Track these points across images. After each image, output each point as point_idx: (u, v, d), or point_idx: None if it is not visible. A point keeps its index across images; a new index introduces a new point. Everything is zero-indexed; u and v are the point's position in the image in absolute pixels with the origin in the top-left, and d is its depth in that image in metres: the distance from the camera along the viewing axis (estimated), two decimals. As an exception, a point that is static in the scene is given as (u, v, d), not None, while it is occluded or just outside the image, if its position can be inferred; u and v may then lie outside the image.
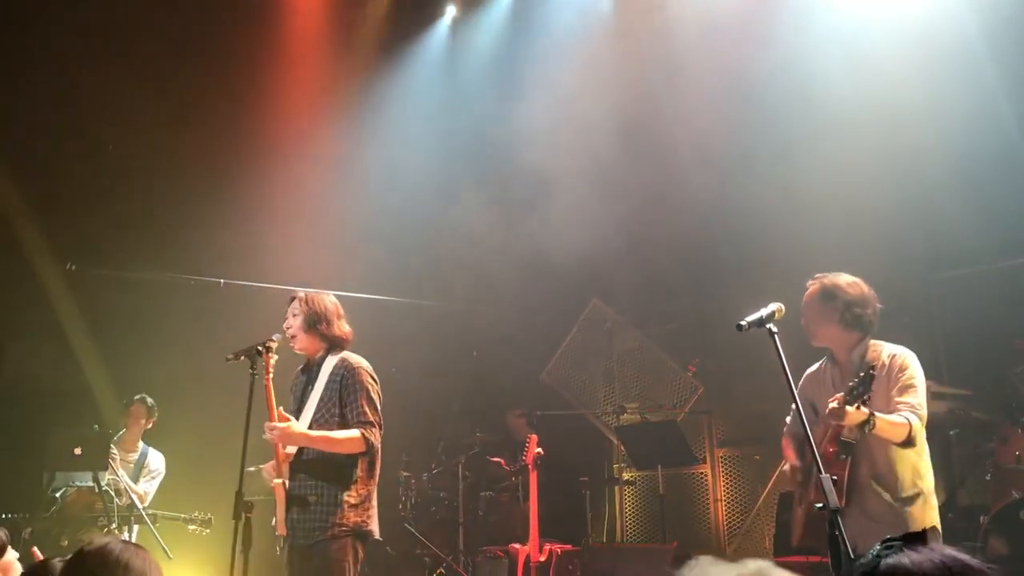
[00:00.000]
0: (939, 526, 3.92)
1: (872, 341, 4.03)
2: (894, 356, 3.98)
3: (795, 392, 3.36)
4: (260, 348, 4.26)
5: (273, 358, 4.30)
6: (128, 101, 7.37)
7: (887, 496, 3.78)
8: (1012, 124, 6.26)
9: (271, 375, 4.28)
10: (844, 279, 4.07)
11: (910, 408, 3.80)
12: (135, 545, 2.47)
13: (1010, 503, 5.74)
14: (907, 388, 3.87)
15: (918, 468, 3.86)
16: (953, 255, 6.95)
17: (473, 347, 8.81)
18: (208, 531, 6.51)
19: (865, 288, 4.06)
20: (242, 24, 7.76)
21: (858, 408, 3.54)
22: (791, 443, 4.32)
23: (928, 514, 3.84)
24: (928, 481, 3.89)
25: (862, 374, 3.56)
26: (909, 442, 3.75)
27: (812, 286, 4.09)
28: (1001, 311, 6.64)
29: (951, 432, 6.60)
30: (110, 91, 7.24)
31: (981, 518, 5.97)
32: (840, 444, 3.75)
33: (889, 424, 3.69)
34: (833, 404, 3.56)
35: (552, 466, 7.04)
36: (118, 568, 2.33)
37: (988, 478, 6.27)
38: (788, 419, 4.43)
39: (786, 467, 4.24)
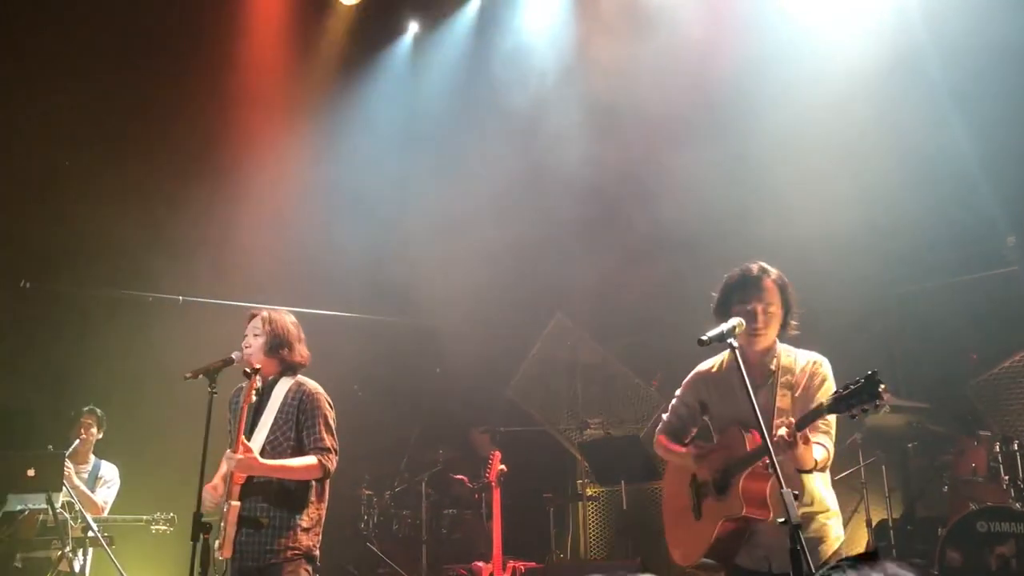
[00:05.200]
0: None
1: (780, 344, 3.76)
2: (814, 364, 3.70)
3: (682, 391, 3.17)
4: (247, 370, 4.18)
5: (258, 382, 4.21)
6: (84, 119, 7.27)
7: (805, 510, 3.55)
8: (967, 147, 6.40)
9: (252, 399, 4.20)
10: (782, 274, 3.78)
11: (827, 431, 3.57)
12: None
13: (967, 515, 5.82)
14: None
15: (826, 483, 3.70)
16: (911, 272, 7.06)
17: (436, 364, 8.77)
18: (172, 529, 6.40)
19: None
20: (200, 41, 7.70)
21: (807, 444, 3.32)
22: (671, 441, 3.96)
23: (839, 529, 3.67)
24: (834, 496, 3.71)
25: (863, 382, 3.20)
26: (822, 468, 3.56)
27: (767, 279, 3.72)
28: (957, 325, 6.76)
29: (909, 445, 6.69)
30: (66, 109, 7.14)
31: (939, 530, 6.05)
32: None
33: (822, 461, 3.48)
34: (782, 432, 3.28)
35: (515, 483, 7.01)
36: None
37: (945, 490, 6.35)
38: (665, 415, 4.07)
39: (695, 454, 3.79)
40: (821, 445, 3.53)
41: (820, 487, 3.66)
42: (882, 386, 3.16)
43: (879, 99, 6.53)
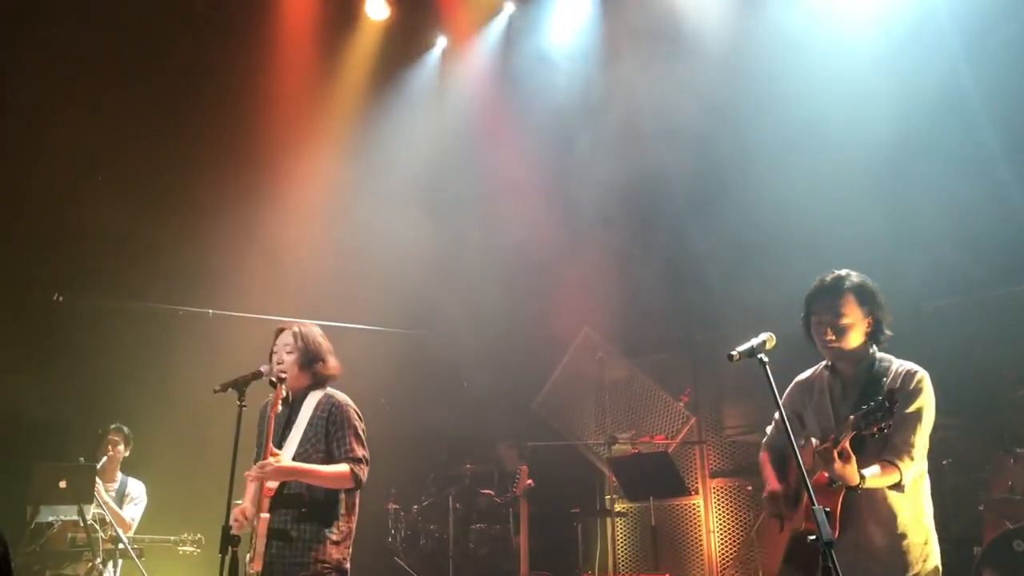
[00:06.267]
0: (940, 567, 3.58)
1: (879, 353, 3.68)
2: (908, 375, 3.59)
3: (780, 405, 3.14)
4: (273, 380, 4.17)
5: (284, 391, 4.22)
6: (117, 131, 7.37)
7: (887, 531, 3.49)
8: (999, 156, 6.31)
9: (279, 408, 4.20)
10: (871, 280, 3.72)
11: (906, 448, 3.46)
12: None
13: (1004, 533, 5.71)
14: (908, 421, 3.50)
15: (919, 503, 3.58)
16: (944, 284, 6.96)
17: (463, 377, 8.76)
18: (199, 551, 6.43)
19: None
20: (231, 57, 7.78)
21: (849, 462, 3.26)
22: (771, 458, 3.97)
23: (931, 554, 3.54)
24: (930, 518, 3.59)
25: (880, 399, 3.20)
26: (898, 487, 3.46)
27: (843, 287, 3.66)
28: (991, 341, 6.65)
29: (943, 462, 6.56)
30: (98, 121, 7.23)
31: (975, 549, 5.93)
32: None
33: (878, 479, 3.39)
34: (823, 447, 3.28)
35: (543, 498, 6.97)
36: None
37: (981, 508, 6.24)
38: (769, 429, 4.10)
39: (766, 493, 3.84)
40: (888, 463, 3.41)
41: (906, 509, 3.52)
42: (897, 404, 3.18)
43: (913, 112, 6.45)
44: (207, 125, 7.69)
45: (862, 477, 3.33)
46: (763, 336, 3.35)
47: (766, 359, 3.27)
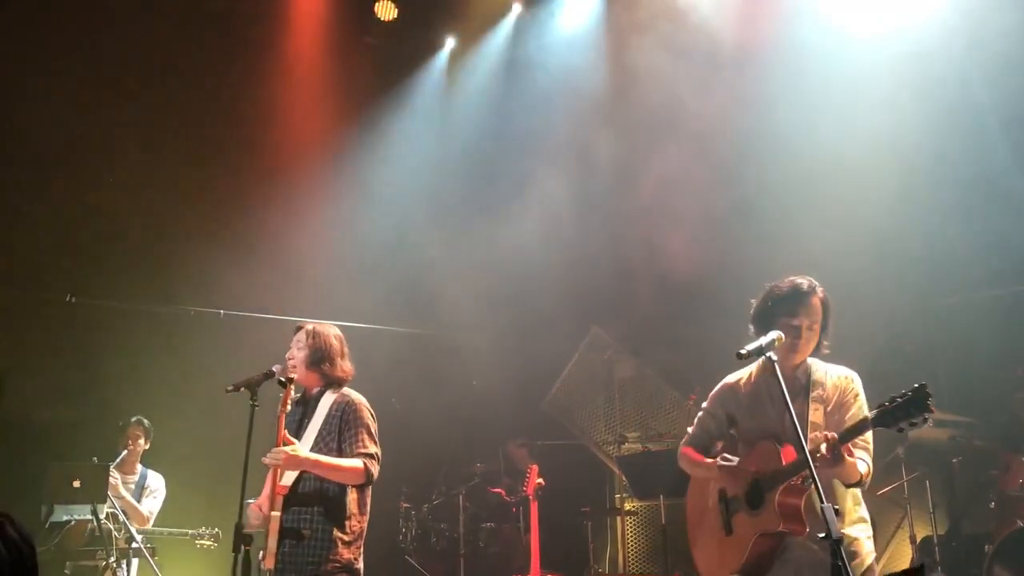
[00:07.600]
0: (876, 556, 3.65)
1: (810, 359, 3.75)
2: (846, 379, 3.68)
3: (709, 404, 3.19)
4: (282, 380, 4.19)
5: (293, 392, 4.24)
6: (129, 134, 7.42)
7: (840, 527, 3.44)
8: (1008, 155, 6.31)
9: (288, 408, 4.23)
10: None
11: (867, 447, 3.54)
12: None
13: (1015, 531, 5.71)
14: (864, 421, 3.44)
15: (858, 497, 3.65)
16: (953, 283, 6.96)
17: (473, 376, 8.79)
18: (216, 545, 6.46)
19: None
20: (241, 59, 7.82)
21: (851, 457, 3.31)
22: (697, 454, 4.00)
23: (869, 545, 3.61)
24: (866, 510, 3.66)
25: (908, 395, 3.12)
26: (859, 484, 3.53)
27: (815, 296, 3.68)
28: (1001, 338, 6.65)
29: (954, 460, 6.57)
30: (111, 124, 7.28)
31: (986, 547, 5.94)
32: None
33: (865, 474, 3.47)
34: (823, 447, 3.27)
35: (553, 496, 6.98)
36: None
37: (992, 506, 6.24)
38: (691, 428, 4.11)
39: (718, 462, 3.81)
40: (863, 461, 3.52)
41: (851, 502, 3.63)
42: (931, 399, 3.08)
43: (921, 114, 6.45)
44: (218, 128, 7.73)
45: (860, 475, 3.42)
46: (772, 335, 3.37)
47: (775, 357, 3.28)
